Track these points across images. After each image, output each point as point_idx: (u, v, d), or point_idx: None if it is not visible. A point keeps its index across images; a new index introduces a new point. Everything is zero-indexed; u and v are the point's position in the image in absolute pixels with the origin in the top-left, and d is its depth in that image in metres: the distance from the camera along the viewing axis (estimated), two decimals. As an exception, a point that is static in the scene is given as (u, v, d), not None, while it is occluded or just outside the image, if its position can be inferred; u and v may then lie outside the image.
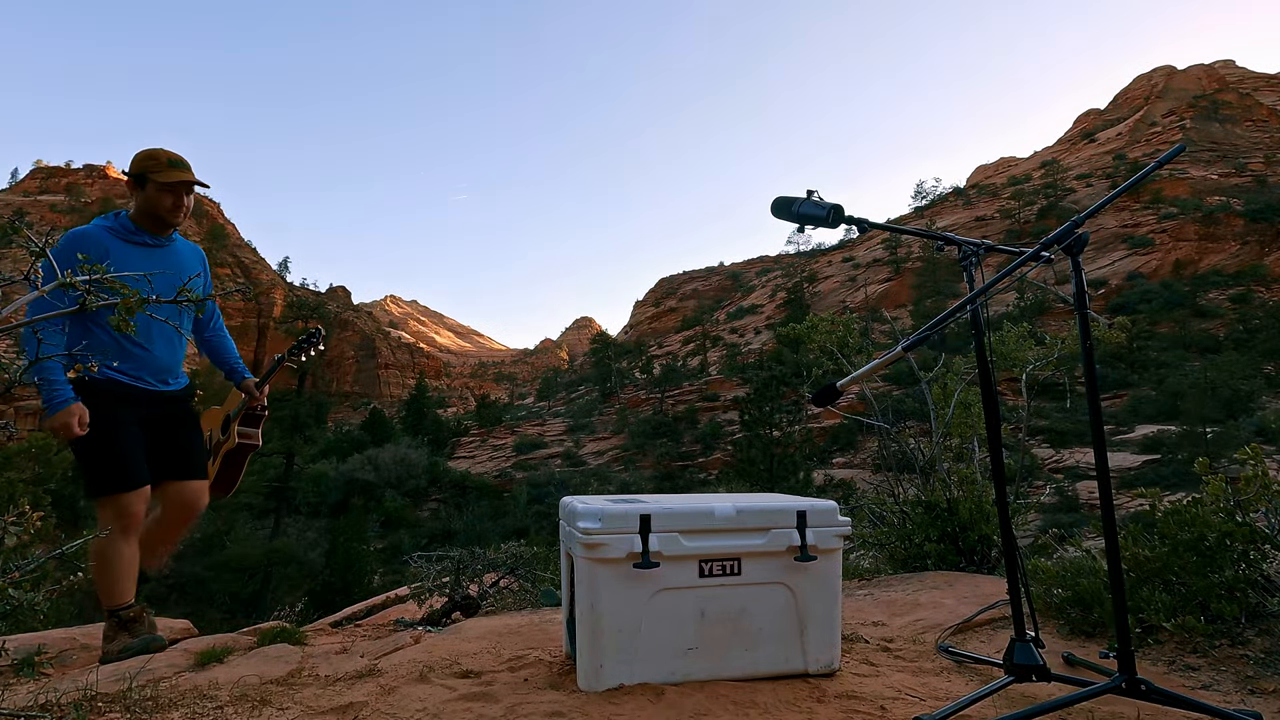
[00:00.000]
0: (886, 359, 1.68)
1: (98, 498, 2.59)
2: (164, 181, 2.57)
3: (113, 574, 2.60)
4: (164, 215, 2.62)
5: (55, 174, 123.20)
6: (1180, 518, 2.29)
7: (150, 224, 2.64)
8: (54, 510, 10.37)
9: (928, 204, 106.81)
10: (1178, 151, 1.79)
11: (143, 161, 2.60)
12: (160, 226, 2.65)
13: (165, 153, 2.63)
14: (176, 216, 2.64)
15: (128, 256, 2.55)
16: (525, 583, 4.11)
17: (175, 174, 2.58)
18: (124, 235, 2.60)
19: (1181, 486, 23.62)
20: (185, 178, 2.60)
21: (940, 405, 4.18)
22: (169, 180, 2.57)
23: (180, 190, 2.62)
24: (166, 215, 2.62)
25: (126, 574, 2.63)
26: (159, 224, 2.64)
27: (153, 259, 2.62)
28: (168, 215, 2.62)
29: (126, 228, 2.61)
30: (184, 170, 2.61)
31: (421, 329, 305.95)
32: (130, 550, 2.62)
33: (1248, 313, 54.38)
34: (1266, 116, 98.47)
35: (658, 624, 1.87)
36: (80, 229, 2.57)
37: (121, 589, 2.62)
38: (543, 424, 63.28)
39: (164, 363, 2.70)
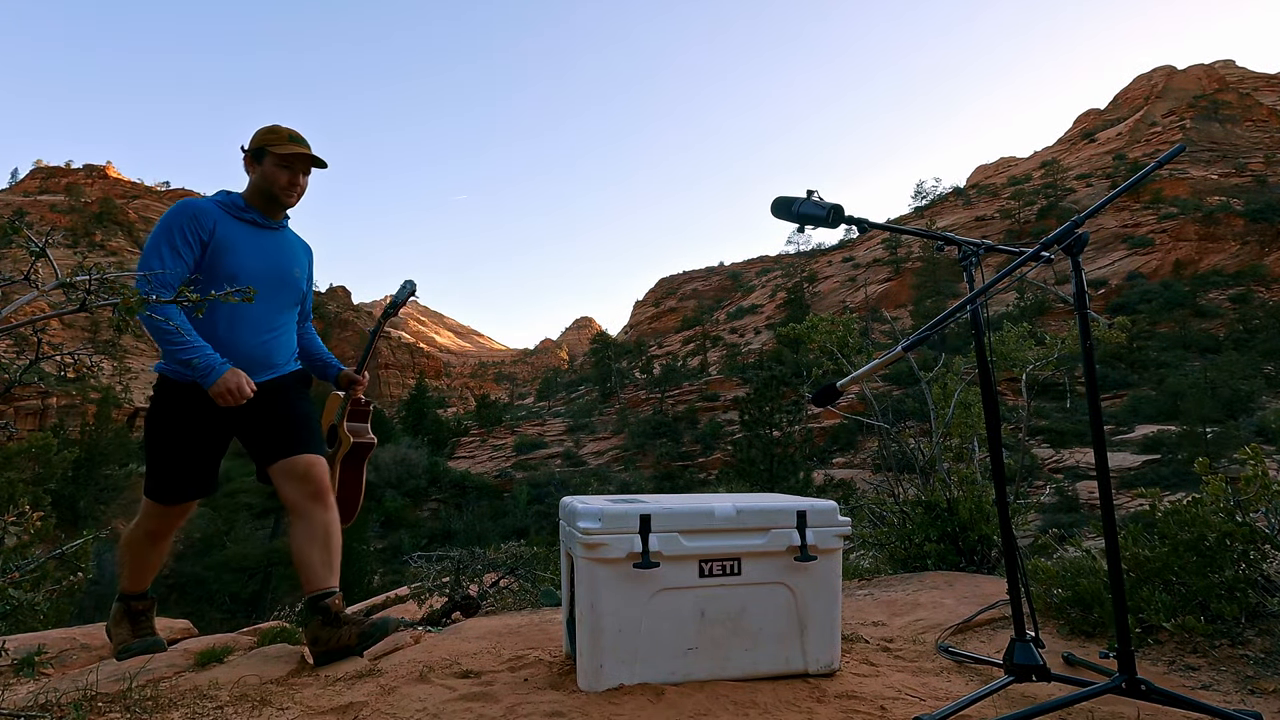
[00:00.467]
0: (886, 359, 1.68)
1: (145, 495, 2.53)
2: (282, 154, 2.44)
3: (133, 564, 2.59)
4: (278, 193, 2.48)
5: (55, 174, 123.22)
6: (1180, 518, 2.29)
7: (263, 203, 2.50)
8: (54, 510, 10.38)
9: (928, 204, 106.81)
10: (1178, 151, 1.79)
11: (263, 136, 2.49)
12: (273, 207, 2.52)
13: (286, 129, 2.52)
14: (291, 196, 2.51)
15: (235, 234, 2.42)
16: (525, 583, 4.11)
17: (294, 148, 2.46)
18: (234, 212, 2.46)
19: (1181, 486, 23.62)
20: (304, 151, 2.48)
21: (940, 405, 4.18)
22: (287, 153, 2.45)
23: (297, 167, 2.49)
24: (281, 193, 2.48)
25: (147, 568, 2.61)
26: (272, 204, 2.51)
27: (260, 241, 2.49)
28: (282, 193, 2.48)
29: (237, 205, 2.48)
30: (304, 145, 2.49)
31: (421, 329, 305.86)
32: (156, 552, 2.60)
33: (1248, 313, 54.37)
34: (1266, 116, 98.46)
35: (658, 624, 1.87)
36: (191, 199, 2.44)
37: (137, 579, 2.61)
38: (543, 424, 63.28)
39: (257, 356, 2.47)
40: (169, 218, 2.35)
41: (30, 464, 10.23)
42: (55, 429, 40.94)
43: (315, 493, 2.41)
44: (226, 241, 2.39)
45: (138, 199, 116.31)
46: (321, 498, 2.42)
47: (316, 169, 2.56)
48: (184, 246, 2.32)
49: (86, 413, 53.12)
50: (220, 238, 2.37)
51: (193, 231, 2.34)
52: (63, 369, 46.56)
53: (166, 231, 2.32)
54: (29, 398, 56.55)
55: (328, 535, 2.42)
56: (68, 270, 1.73)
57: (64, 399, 58.99)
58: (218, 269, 2.35)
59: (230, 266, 2.37)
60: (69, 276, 1.68)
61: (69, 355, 2.03)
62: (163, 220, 2.36)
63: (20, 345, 50.30)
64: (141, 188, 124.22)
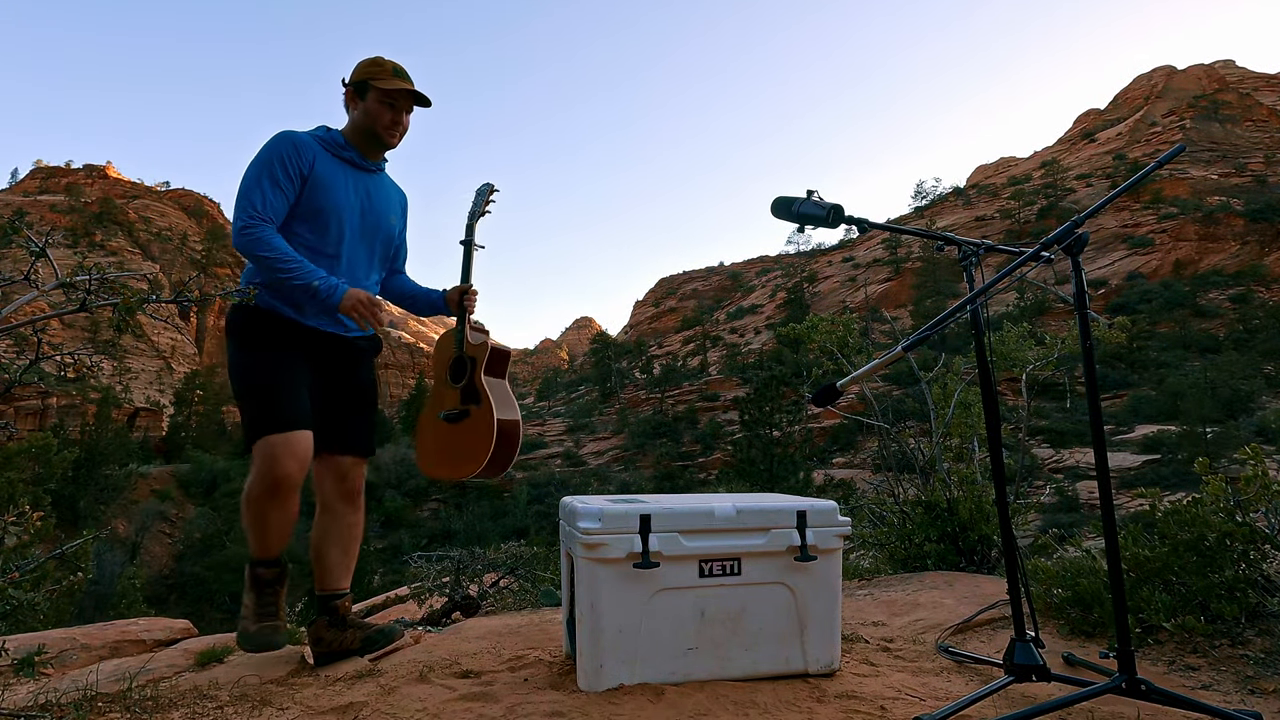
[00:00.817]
0: (886, 359, 1.68)
1: (249, 446, 2.19)
2: (387, 89, 2.28)
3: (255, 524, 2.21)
4: (380, 132, 2.32)
5: (55, 174, 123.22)
6: (1180, 518, 2.29)
7: (362, 142, 2.34)
8: (54, 510, 10.37)
9: (928, 204, 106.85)
10: (1178, 151, 1.79)
11: (366, 68, 2.33)
12: (373, 146, 2.36)
13: (390, 62, 2.35)
14: (393, 135, 2.35)
15: (332, 172, 2.27)
16: (525, 583, 4.11)
17: (399, 83, 2.30)
18: (333, 149, 2.31)
19: (1181, 486, 23.61)
20: (410, 87, 2.31)
21: (940, 405, 4.18)
22: (392, 88, 2.28)
23: (401, 104, 2.32)
24: (383, 132, 2.32)
25: (270, 529, 2.21)
26: (372, 143, 2.35)
27: (358, 182, 2.34)
28: (384, 132, 2.32)
29: (337, 142, 2.32)
30: (408, 81, 2.33)
31: (421, 329, 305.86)
32: (280, 510, 2.18)
33: (1248, 313, 54.41)
34: (1266, 116, 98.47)
35: (658, 624, 1.87)
36: (291, 131, 2.27)
37: (261, 542, 2.24)
38: (543, 424, 63.30)
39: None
40: (271, 148, 2.21)
41: (30, 464, 10.23)
42: (55, 429, 40.94)
43: (349, 493, 2.35)
44: (324, 179, 2.25)
45: (138, 199, 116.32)
46: (353, 499, 2.36)
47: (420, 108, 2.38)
48: (285, 180, 2.18)
49: (86, 413, 53.17)
50: (318, 174, 2.24)
51: (294, 164, 2.20)
52: (63, 369, 46.57)
53: (268, 163, 2.18)
54: (29, 398, 56.56)
55: (351, 537, 2.37)
56: (68, 270, 1.73)
57: (64, 399, 59.01)
58: (312, 207, 2.23)
59: (325, 206, 2.24)
60: (69, 276, 1.68)
61: (69, 355, 2.04)
62: (263, 150, 2.22)
63: (20, 345, 50.31)
64: (141, 188, 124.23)
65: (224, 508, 35.28)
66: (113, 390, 58.04)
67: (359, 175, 2.35)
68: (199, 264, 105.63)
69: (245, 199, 2.15)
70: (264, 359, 2.22)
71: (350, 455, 2.35)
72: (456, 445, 2.31)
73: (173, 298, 1.93)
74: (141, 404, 69.46)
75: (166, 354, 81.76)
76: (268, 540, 2.23)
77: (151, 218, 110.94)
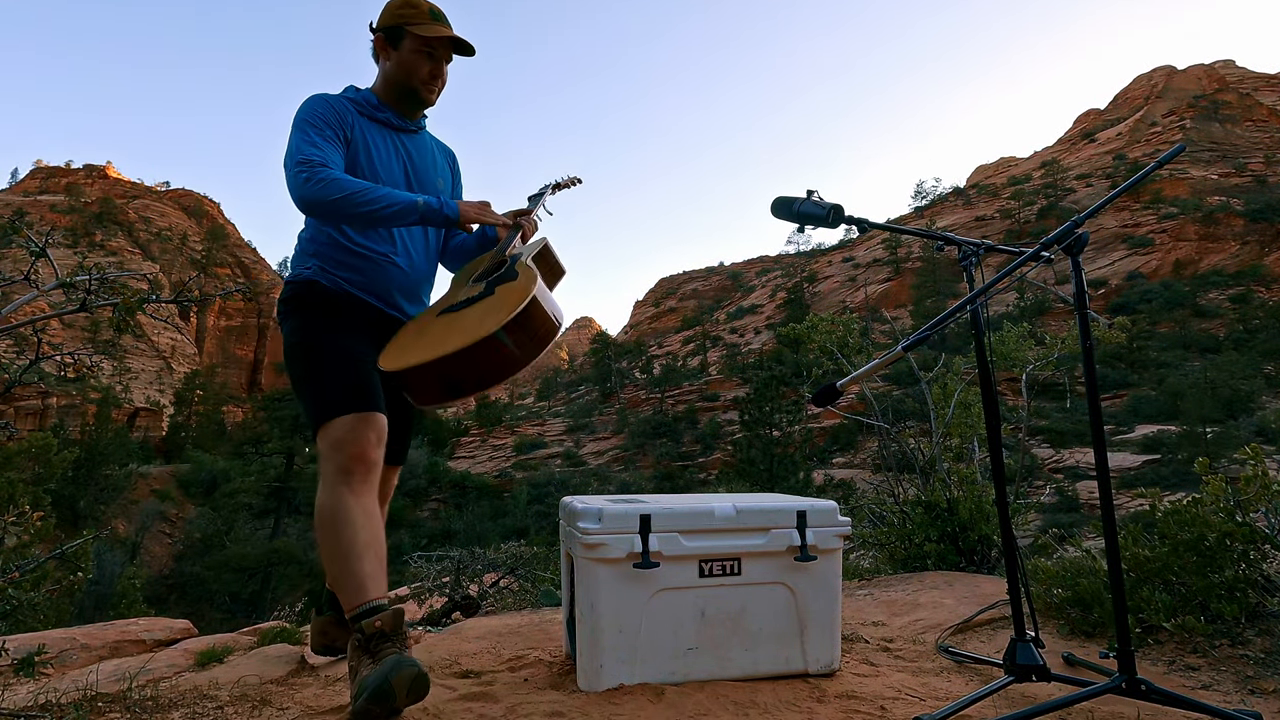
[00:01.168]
0: (886, 359, 1.68)
1: (314, 434, 1.82)
2: (425, 35, 1.98)
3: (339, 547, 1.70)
4: (417, 86, 2.04)
5: (55, 174, 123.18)
6: (1180, 518, 2.29)
7: (397, 99, 2.07)
8: (54, 510, 10.37)
9: (928, 204, 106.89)
10: (1178, 151, 1.79)
11: (399, 9, 2.02)
12: (410, 103, 2.08)
13: (426, 1, 2.03)
14: (433, 89, 2.07)
15: (372, 137, 2.02)
16: (525, 583, 4.12)
17: (439, 28, 2.00)
18: (367, 110, 2.05)
19: (1181, 486, 23.62)
20: (450, 33, 2.01)
21: (940, 405, 4.18)
22: (432, 34, 1.99)
23: (440, 53, 2.03)
24: (421, 86, 2.05)
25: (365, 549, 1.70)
26: (408, 99, 2.07)
27: (398, 145, 2.08)
28: (422, 87, 2.05)
29: (369, 102, 2.05)
30: (447, 25, 2.03)
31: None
32: (362, 510, 1.73)
33: (1248, 313, 54.42)
34: (1266, 116, 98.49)
35: (658, 624, 1.87)
36: (323, 94, 2.01)
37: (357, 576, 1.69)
38: (543, 424, 63.32)
39: (410, 281, 2.06)
40: (306, 110, 1.95)
41: (30, 464, 10.23)
42: (55, 429, 40.95)
43: (383, 497, 2.13)
44: (365, 144, 1.99)
45: (138, 199, 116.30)
46: (383, 504, 2.11)
47: (460, 57, 2.09)
48: (332, 135, 1.92)
49: (86, 413, 53.19)
50: (357, 139, 1.98)
51: (337, 123, 1.95)
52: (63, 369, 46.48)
53: (309, 123, 1.91)
54: (29, 398, 56.56)
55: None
56: (68, 270, 1.73)
57: (64, 399, 59.02)
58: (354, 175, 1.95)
59: (368, 175, 1.98)
60: (69, 276, 1.68)
61: (69, 355, 2.04)
62: (299, 115, 1.95)
63: (20, 345, 50.31)
64: (141, 188, 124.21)
65: (224, 508, 35.29)
66: (113, 390, 58.06)
67: (398, 137, 2.09)
68: (199, 264, 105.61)
69: (297, 154, 1.85)
70: (335, 338, 1.92)
71: (391, 464, 2.10)
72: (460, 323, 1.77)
73: (173, 298, 1.94)
74: (141, 404, 69.46)
75: (166, 354, 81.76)
76: (361, 566, 1.69)
77: (151, 218, 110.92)
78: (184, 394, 68.56)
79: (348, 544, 1.69)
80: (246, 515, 35.13)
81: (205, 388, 70.75)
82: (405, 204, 1.83)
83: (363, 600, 1.67)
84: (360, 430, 1.77)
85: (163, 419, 68.67)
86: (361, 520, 1.71)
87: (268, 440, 37.18)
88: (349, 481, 1.73)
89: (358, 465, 1.74)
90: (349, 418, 1.77)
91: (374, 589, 1.69)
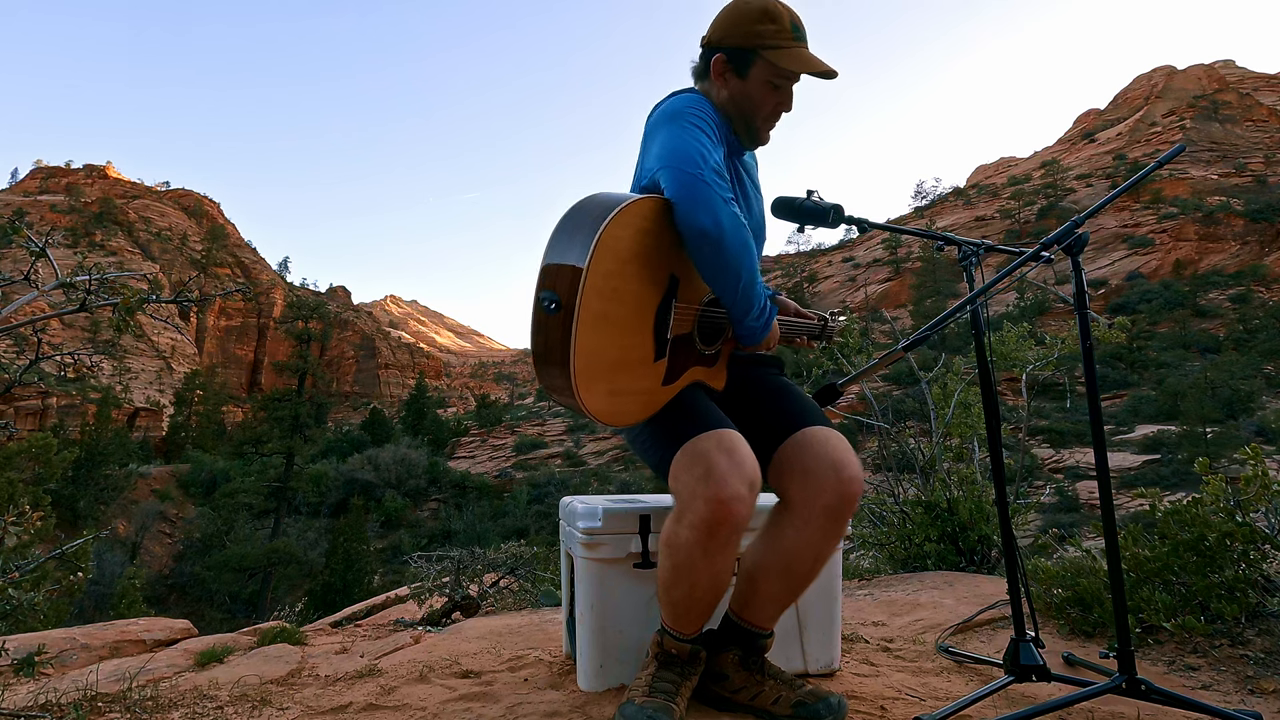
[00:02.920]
0: (886, 359, 1.68)
1: (665, 469, 1.60)
2: (788, 68, 1.62)
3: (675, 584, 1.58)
4: (759, 126, 1.73)
5: (55, 174, 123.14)
6: (1180, 518, 2.29)
7: (736, 125, 1.74)
8: (54, 510, 10.39)
9: (928, 204, 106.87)
10: (1178, 151, 1.79)
11: (753, 23, 1.62)
12: (745, 137, 1.77)
13: (787, 9, 1.64)
14: (769, 128, 1.76)
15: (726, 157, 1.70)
16: (525, 583, 4.11)
17: (803, 55, 1.63)
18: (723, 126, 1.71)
19: (1181, 486, 23.64)
20: (822, 67, 1.62)
21: (940, 405, 4.18)
22: (798, 69, 1.63)
23: (788, 88, 1.69)
24: (763, 125, 1.74)
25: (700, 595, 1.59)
26: (746, 130, 1.75)
27: (736, 171, 1.78)
28: (764, 125, 1.74)
29: (714, 118, 1.62)
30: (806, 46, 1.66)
31: (421, 329, 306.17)
32: (711, 564, 1.54)
33: (1248, 313, 54.38)
34: (1266, 116, 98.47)
35: (658, 624, 1.86)
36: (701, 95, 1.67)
37: (684, 610, 1.62)
38: (543, 424, 63.26)
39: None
40: (694, 104, 1.59)
41: (30, 464, 10.25)
42: (55, 429, 41.00)
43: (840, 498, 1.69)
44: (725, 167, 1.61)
45: (138, 199, 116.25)
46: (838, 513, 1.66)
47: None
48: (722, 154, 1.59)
49: (86, 413, 53.15)
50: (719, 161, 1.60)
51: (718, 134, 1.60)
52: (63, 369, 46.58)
53: (699, 120, 1.55)
54: (29, 398, 56.55)
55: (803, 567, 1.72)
56: (68, 270, 1.73)
57: (64, 399, 59.00)
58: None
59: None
60: (69, 276, 1.68)
61: (69, 355, 2.04)
62: (686, 107, 1.58)
63: (20, 345, 50.32)
64: (141, 188, 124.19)
65: (224, 507, 35.29)
66: (113, 390, 58.00)
67: (738, 161, 1.80)
68: (199, 264, 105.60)
69: (707, 158, 1.49)
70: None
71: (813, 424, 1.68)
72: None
73: (173, 298, 1.94)
74: (141, 404, 69.45)
75: (166, 354, 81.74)
76: (691, 605, 1.61)
77: (151, 218, 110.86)
78: (184, 394, 68.54)
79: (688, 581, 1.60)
80: (246, 515, 35.12)
81: (205, 388, 70.71)
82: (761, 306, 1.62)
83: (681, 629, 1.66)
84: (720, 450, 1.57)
85: (163, 419, 68.66)
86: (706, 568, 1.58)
87: (268, 440, 37.16)
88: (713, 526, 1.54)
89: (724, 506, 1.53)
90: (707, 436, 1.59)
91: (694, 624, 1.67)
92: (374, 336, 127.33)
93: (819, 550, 1.64)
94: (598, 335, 1.45)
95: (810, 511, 1.60)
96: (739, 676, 1.70)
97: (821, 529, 1.61)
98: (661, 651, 1.66)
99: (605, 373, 1.48)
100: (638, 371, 1.55)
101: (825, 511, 1.60)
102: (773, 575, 1.65)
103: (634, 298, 1.51)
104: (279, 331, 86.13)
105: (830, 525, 1.61)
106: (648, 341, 1.56)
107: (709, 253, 1.48)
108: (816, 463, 1.61)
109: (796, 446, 1.65)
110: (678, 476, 1.54)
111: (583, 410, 1.48)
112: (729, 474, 1.48)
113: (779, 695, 1.65)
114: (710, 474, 1.48)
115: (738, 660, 1.70)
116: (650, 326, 1.56)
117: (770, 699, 1.66)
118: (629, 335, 1.52)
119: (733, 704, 1.70)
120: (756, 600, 1.69)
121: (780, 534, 1.65)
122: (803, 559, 1.63)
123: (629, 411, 1.56)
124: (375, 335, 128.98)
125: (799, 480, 1.62)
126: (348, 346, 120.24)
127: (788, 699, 1.64)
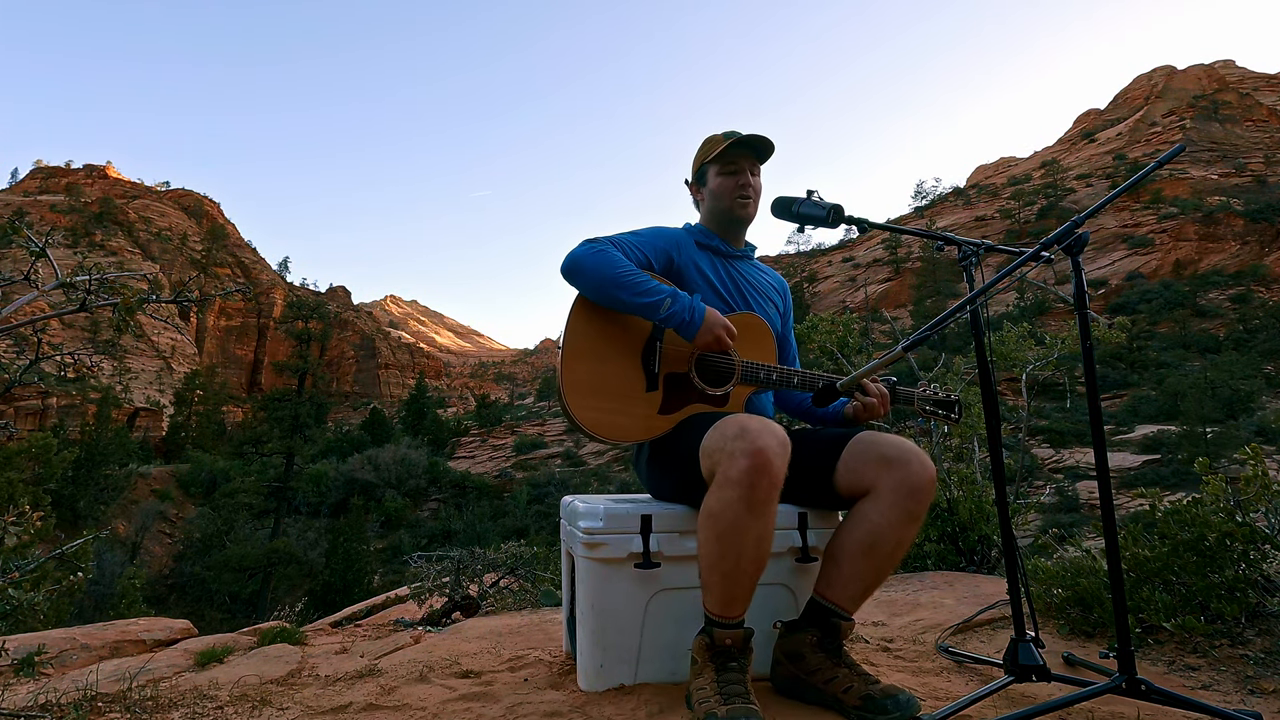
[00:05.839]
0: (886, 359, 1.68)
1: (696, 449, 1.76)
2: (717, 156, 2.08)
3: (718, 559, 1.63)
4: (730, 206, 2.09)
5: (55, 174, 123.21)
6: (1180, 518, 2.29)
7: (721, 227, 2.16)
8: (54, 510, 10.38)
9: (928, 204, 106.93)
10: (1178, 151, 1.79)
11: (699, 154, 2.17)
12: (732, 227, 2.15)
13: (720, 133, 2.12)
14: (745, 203, 2.09)
15: (698, 259, 2.10)
16: (525, 583, 4.11)
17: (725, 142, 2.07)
18: (701, 239, 2.14)
19: (1181, 486, 23.64)
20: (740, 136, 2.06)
21: (940, 405, 4.17)
22: (721, 149, 2.06)
23: (741, 163, 2.08)
24: (734, 205, 2.09)
25: (745, 567, 1.63)
26: (730, 224, 2.14)
27: (724, 269, 2.14)
28: (735, 204, 2.09)
29: (702, 232, 2.16)
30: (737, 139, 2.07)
31: (421, 329, 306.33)
32: (755, 528, 1.61)
33: (1248, 313, 54.38)
34: (1266, 116, 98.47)
35: (659, 624, 1.87)
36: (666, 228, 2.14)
37: (728, 589, 1.65)
38: (543, 424, 63.25)
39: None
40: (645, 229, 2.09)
41: (30, 464, 10.24)
42: (55, 429, 40.98)
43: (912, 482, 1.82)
44: (692, 265, 2.07)
45: (138, 199, 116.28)
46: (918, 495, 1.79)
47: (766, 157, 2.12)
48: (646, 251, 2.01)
49: (86, 413, 53.19)
50: (685, 262, 2.06)
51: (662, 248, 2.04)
52: (63, 369, 46.56)
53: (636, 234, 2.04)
54: (29, 398, 56.57)
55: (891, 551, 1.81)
56: (68, 270, 1.73)
57: (64, 399, 59.02)
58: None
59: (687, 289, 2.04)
60: (69, 276, 1.68)
61: (69, 355, 2.04)
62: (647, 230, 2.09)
63: (20, 345, 50.31)
64: (141, 188, 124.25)
65: (224, 508, 35.28)
66: (113, 390, 57.97)
67: (728, 263, 2.16)
68: (199, 264, 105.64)
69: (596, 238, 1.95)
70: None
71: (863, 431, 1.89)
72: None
73: (173, 298, 1.94)
74: (141, 404, 69.45)
75: (166, 354, 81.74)
76: (739, 578, 1.63)
77: (151, 218, 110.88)
78: (184, 394, 68.58)
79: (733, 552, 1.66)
80: (246, 515, 35.10)
81: (205, 388, 70.76)
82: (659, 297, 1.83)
83: (728, 614, 1.69)
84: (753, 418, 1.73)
85: (163, 419, 68.68)
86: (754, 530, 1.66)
87: (268, 440, 37.15)
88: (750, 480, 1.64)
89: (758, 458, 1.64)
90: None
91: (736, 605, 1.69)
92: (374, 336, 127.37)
93: (901, 533, 1.74)
94: (583, 364, 1.87)
95: (896, 494, 1.73)
96: (815, 659, 1.74)
97: (905, 510, 1.73)
98: (714, 649, 1.67)
99: (590, 393, 1.86)
100: (630, 397, 1.90)
101: (911, 493, 1.73)
102: (857, 555, 1.75)
103: (617, 338, 1.92)
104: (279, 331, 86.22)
105: (913, 505, 1.73)
106: (636, 373, 1.92)
107: (578, 282, 1.87)
108: (894, 450, 1.76)
109: (863, 444, 1.81)
110: (710, 449, 1.68)
111: (574, 422, 1.84)
112: (761, 430, 1.62)
113: (851, 685, 1.67)
114: (744, 432, 1.62)
115: (815, 641, 1.75)
116: (638, 362, 1.93)
117: (842, 686, 1.68)
118: (610, 364, 1.90)
119: (803, 686, 1.74)
120: (840, 579, 1.77)
121: (864, 517, 1.76)
122: (886, 539, 1.73)
123: (623, 426, 1.88)
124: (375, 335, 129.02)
125: (879, 467, 1.76)
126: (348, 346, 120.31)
127: (858, 690, 1.65)
